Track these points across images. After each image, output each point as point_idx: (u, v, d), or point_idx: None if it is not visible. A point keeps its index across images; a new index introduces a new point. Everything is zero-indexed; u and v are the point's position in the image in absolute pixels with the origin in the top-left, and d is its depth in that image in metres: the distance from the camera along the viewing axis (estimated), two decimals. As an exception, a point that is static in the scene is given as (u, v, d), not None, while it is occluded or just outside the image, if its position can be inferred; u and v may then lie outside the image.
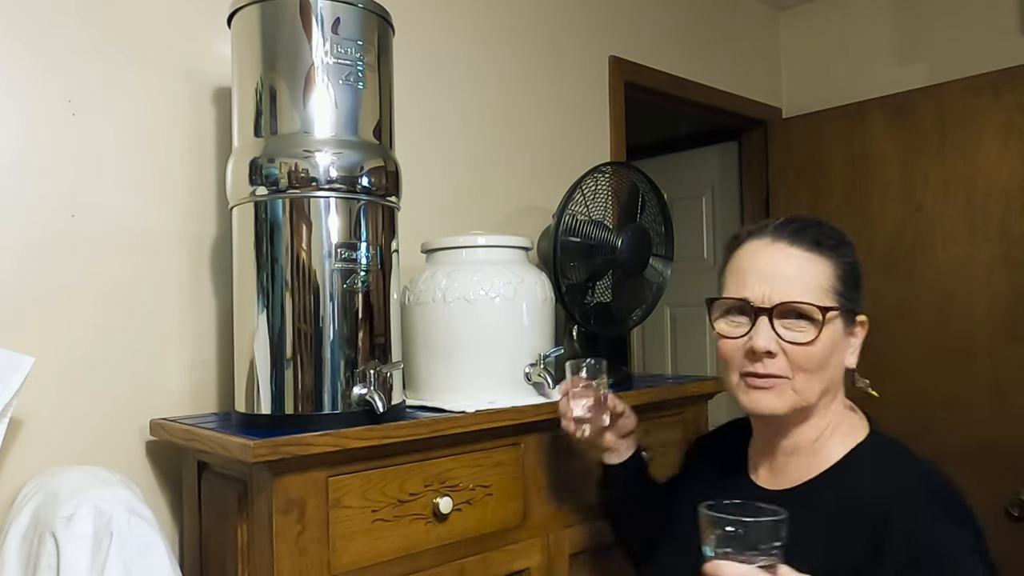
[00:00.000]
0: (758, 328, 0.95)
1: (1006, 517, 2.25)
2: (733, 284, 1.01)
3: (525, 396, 1.40)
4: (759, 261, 0.99)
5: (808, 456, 1.00)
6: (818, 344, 0.94)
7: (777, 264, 0.97)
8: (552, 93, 2.11)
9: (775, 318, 0.95)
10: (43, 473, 1.17)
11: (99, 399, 1.31)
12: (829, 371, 0.97)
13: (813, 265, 0.97)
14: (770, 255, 0.98)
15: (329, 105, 1.18)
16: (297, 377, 1.15)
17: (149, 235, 1.38)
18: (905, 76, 2.63)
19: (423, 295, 1.41)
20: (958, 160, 2.42)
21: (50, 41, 1.29)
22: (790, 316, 0.95)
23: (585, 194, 1.64)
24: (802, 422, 1.00)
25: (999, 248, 2.33)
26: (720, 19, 2.71)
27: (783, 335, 0.95)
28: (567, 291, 1.59)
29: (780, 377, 0.96)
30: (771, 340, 0.95)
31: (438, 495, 1.24)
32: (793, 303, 0.95)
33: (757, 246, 1.00)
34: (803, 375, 0.95)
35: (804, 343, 0.94)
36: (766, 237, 1.00)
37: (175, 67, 1.42)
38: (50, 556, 0.99)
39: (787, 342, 0.95)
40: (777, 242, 0.99)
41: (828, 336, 0.95)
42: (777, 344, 0.95)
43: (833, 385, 0.99)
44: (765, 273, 0.97)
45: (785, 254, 0.98)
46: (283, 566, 1.07)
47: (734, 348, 0.99)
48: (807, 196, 2.78)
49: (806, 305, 0.94)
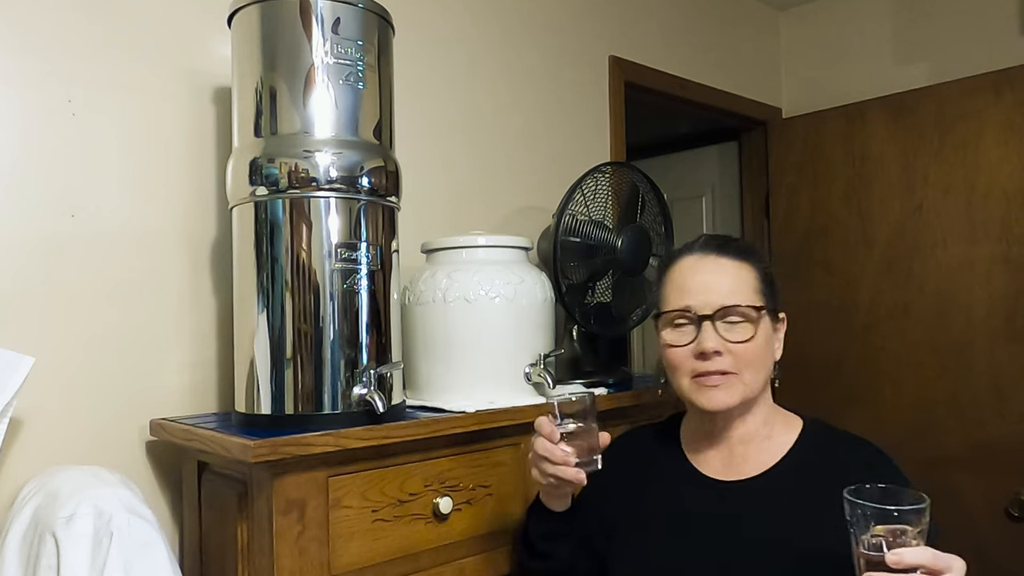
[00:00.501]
0: (704, 332, 1.06)
1: (1006, 517, 2.24)
2: (675, 297, 1.11)
3: (525, 396, 1.40)
4: (696, 274, 1.10)
5: (762, 443, 1.11)
6: (757, 339, 1.06)
7: (712, 274, 1.09)
8: (552, 93, 2.11)
9: (717, 321, 1.06)
10: (43, 473, 1.17)
11: (99, 399, 1.31)
12: (767, 364, 1.09)
13: (742, 271, 1.09)
14: (705, 267, 1.10)
15: (329, 105, 1.18)
16: (297, 377, 1.15)
17: (149, 235, 1.38)
18: (905, 76, 2.63)
19: (423, 295, 1.41)
20: (958, 160, 2.42)
21: (50, 41, 1.29)
22: (728, 319, 1.06)
23: (585, 194, 1.64)
24: (747, 413, 1.11)
25: (999, 248, 2.33)
26: (720, 19, 2.71)
27: (726, 336, 1.06)
28: (567, 291, 1.59)
29: (729, 373, 1.06)
30: (717, 341, 1.05)
31: (438, 495, 1.24)
32: (732, 306, 1.06)
33: (691, 261, 1.12)
34: (748, 369, 1.07)
35: (745, 340, 1.05)
36: (696, 252, 1.12)
37: (175, 67, 1.42)
38: (50, 556, 0.99)
39: (731, 341, 1.05)
40: (707, 255, 1.11)
41: (763, 332, 1.07)
42: (722, 344, 1.05)
43: (768, 376, 1.11)
44: (703, 283, 1.09)
45: (717, 264, 1.10)
46: (283, 566, 1.07)
47: (683, 354, 1.08)
48: (807, 196, 2.78)
49: (743, 307, 1.06)
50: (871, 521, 0.81)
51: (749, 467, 1.09)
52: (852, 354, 2.60)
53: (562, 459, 1.04)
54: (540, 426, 1.07)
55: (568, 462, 1.04)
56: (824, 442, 1.10)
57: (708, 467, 1.13)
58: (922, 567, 0.78)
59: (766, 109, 2.89)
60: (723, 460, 1.12)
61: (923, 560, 0.78)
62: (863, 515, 0.81)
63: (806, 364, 2.51)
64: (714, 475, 1.12)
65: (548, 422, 1.06)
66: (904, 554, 0.78)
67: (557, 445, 1.05)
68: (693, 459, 1.15)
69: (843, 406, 2.47)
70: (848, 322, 2.62)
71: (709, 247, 1.11)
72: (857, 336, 2.60)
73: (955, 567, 0.79)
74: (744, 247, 1.13)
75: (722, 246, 1.11)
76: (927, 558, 0.78)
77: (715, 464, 1.12)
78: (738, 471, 1.10)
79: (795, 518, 1.01)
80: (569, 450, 1.05)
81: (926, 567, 0.78)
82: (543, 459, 1.06)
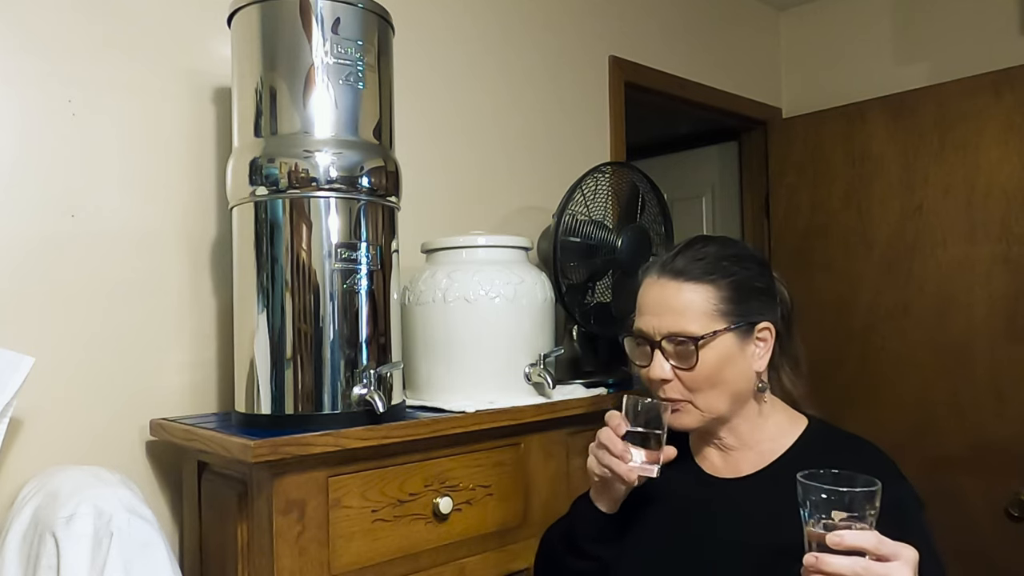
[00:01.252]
0: (654, 359, 1.07)
1: (1006, 517, 2.24)
2: (636, 318, 1.11)
3: (525, 396, 1.40)
4: (649, 297, 1.09)
5: (755, 447, 1.10)
6: (700, 367, 1.03)
7: (662, 298, 1.07)
8: (552, 93, 2.11)
9: (665, 348, 1.06)
10: (43, 473, 1.17)
11: (99, 399, 1.31)
12: (730, 384, 1.06)
13: (692, 294, 1.05)
14: (656, 290, 1.08)
15: (329, 105, 1.18)
16: (297, 377, 1.15)
17: (149, 235, 1.38)
18: (905, 76, 2.63)
19: (423, 295, 1.41)
20: (958, 160, 2.42)
21: (50, 41, 1.29)
22: (677, 344, 1.05)
23: (585, 194, 1.64)
24: (727, 424, 1.10)
25: (999, 248, 2.33)
26: (720, 19, 2.71)
27: (675, 363, 1.05)
28: (567, 291, 1.59)
29: (680, 400, 1.06)
30: (664, 369, 1.05)
31: (438, 495, 1.24)
32: (673, 333, 1.05)
33: (648, 283, 1.10)
34: (700, 394, 1.05)
35: (687, 368, 1.04)
36: (653, 274, 1.10)
37: (175, 67, 1.42)
38: (50, 556, 0.99)
39: (677, 367, 1.05)
40: (661, 277, 1.08)
41: (712, 356, 1.04)
42: (671, 372, 1.05)
43: (742, 392, 1.08)
44: (654, 307, 1.08)
45: (667, 288, 1.07)
46: (283, 566, 1.07)
47: (645, 376, 1.10)
48: (807, 196, 2.78)
49: (681, 336, 1.04)
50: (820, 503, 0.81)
51: (745, 466, 1.10)
52: (852, 354, 2.61)
53: (621, 452, 1.03)
54: (610, 417, 1.07)
55: (625, 457, 1.03)
56: (824, 443, 1.09)
57: (708, 465, 1.14)
58: (866, 551, 0.77)
59: (766, 109, 2.89)
60: (721, 460, 1.13)
61: (866, 543, 0.77)
62: (812, 497, 0.81)
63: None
64: (713, 472, 1.13)
65: (619, 415, 1.06)
66: (846, 536, 0.78)
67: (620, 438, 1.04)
68: (697, 457, 1.16)
69: (843, 406, 2.46)
70: (848, 322, 2.62)
71: (667, 269, 1.08)
72: (857, 336, 2.60)
73: (903, 555, 0.78)
74: (707, 267, 1.06)
75: (681, 268, 1.07)
76: (871, 542, 0.77)
77: (714, 463, 1.13)
78: (735, 469, 1.11)
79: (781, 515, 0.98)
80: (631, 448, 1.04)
81: (869, 551, 0.77)
82: (603, 448, 1.05)
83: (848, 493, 0.80)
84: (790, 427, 1.11)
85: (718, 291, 1.05)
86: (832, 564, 0.78)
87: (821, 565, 0.79)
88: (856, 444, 1.08)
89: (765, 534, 1.00)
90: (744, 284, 1.07)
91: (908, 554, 0.78)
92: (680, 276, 1.06)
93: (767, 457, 1.09)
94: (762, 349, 1.08)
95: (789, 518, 0.91)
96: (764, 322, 1.08)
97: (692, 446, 1.18)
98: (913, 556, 0.78)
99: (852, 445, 1.08)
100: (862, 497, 0.80)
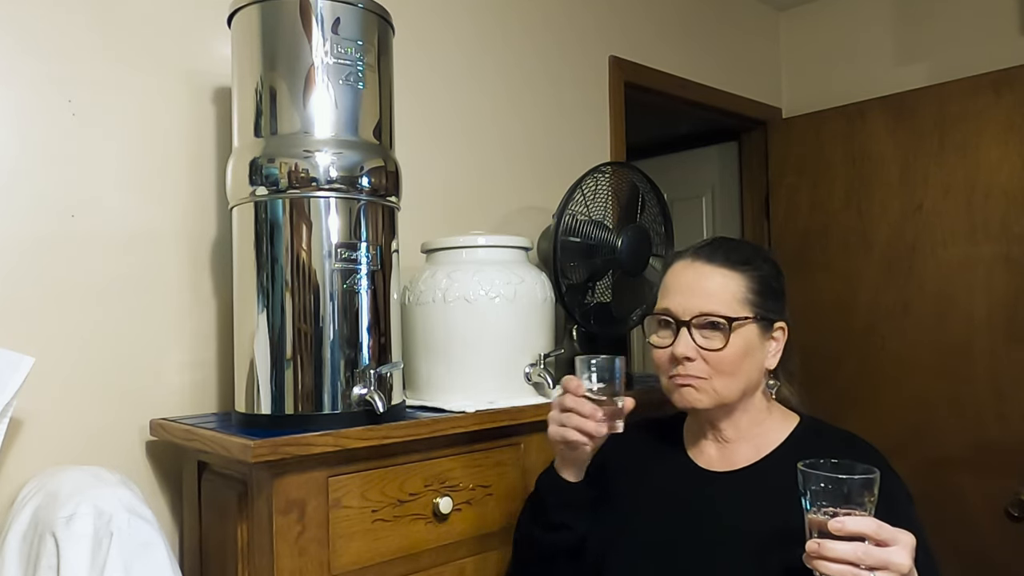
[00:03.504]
0: (680, 337, 1.08)
1: (1006, 517, 2.24)
2: (661, 300, 1.13)
3: (525, 396, 1.41)
4: (682, 279, 1.12)
5: (750, 441, 1.12)
6: (728, 349, 1.06)
7: (694, 280, 1.10)
8: (552, 93, 2.11)
9: (693, 328, 1.07)
10: (43, 473, 1.17)
11: (99, 399, 1.31)
12: (746, 373, 1.09)
13: (726, 280, 1.09)
14: (690, 273, 1.11)
15: (329, 105, 1.18)
16: (297, 377, 1.15)
17: (149, 235, 1.38)
18: (905, 76, 2.62)
19: (423, 295, 1.41)
20: (958, 160, 2.42)
21: (50, 41, 1.29)
22: (705, 326, 1.07)
23: (585, 194, 1.64)
24: (731, 415, 1.12)
25: (999, 248, 2.33)
26: (720, 19, 2.71)
27: (700, 343, 1.07)
28: (567, 291, 1.59)
29: (700, 378, 1.08)
30: (689, 347, 1.07)
31: (438, 495, 1.24)
32: (706, 314, 1.07)
33: (681, 266, 1.13)
34: (720, 377, 1.08)
35: (716, 349, 1.07)
36: (686, 258, 1.13)
37: (175, 67, 1.42)
38: (50, 556, 0.99)
39: (703, 348, 1.07)
40: (696, 261, 1.12)
41: (740, 341, 1.07)
42: (695, 351, 1.07)
43: (752, 384, 1.11)
44: (685, 289, 1.10)
45: (702, 271, 1.10)
46: (283, 566, 1.07)
47: (663, 356, 1.11)
48: (807, 196, 2.78)
49: (715, 316, 1.07)
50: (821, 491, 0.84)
51: (740, 459, 1.12)
52: (852, 354, 2.60)
53: (591, 411, 1.04)
54: (567, 381, 1.07)
55: (596, 416, 1.04)
56: (815, 438, 1.11)
57: (702, 459, 1.16)
58: (866, 536, 0.80)
59: (766, 109, 2.89)
60: (716, 453, 1.15)
61: (866, 529, 0.80)
62: (813, 486, 0.84)
63: (806, 364, 2.48)
64: (706, 466, 1.14)
65: (575, 378, 1.07)
66: (847, 522, 0.81)
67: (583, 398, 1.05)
68: (691, 452, 1.18)
69: (843, 406, 2.47)
70: (848, 322, 2.62)
71: (701, 254, 1.12)
72: (857, 336, 2.60)
73: (900, 540, 0.81)
74: (743, 256, 1.12)
75: (713, 254, 1.11)
76: (871, 528, 0.80)
77: (708, 457, 1.15)
78: (729, 463, 1.13)
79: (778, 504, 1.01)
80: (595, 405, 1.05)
81: (870, 536, 0.80)
82: (569, 412, 1.06)
83: (848, 481, 0.83)
84: (784, 423, 1.15)
85: (748, 281, 1.09)
86: (834, 549, 0.81)
87: (823, 551, 0.81)
88: (848, 439, 1.11)
89: (763, 521, 1.02)
90: (768, 282, 1.12)
91: (906, 539, 0.81)
92: (713, 261, 1.10)
93: (762, 450, 1.11)
94: (774, 347, 1.12)
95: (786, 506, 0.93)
96: (781, 321, 1.12)
97: (686, 440, 1.20)
98: (911, 541, 0.82)
99: (844, 440, 1.11)
100: (861, 485, 0.83)
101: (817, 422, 1.16)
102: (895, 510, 0.90)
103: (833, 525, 0.81)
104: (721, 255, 1.11)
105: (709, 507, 1.09)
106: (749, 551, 1.02)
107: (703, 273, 1.10)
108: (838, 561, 0.81)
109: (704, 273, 1.10)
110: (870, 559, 0.80)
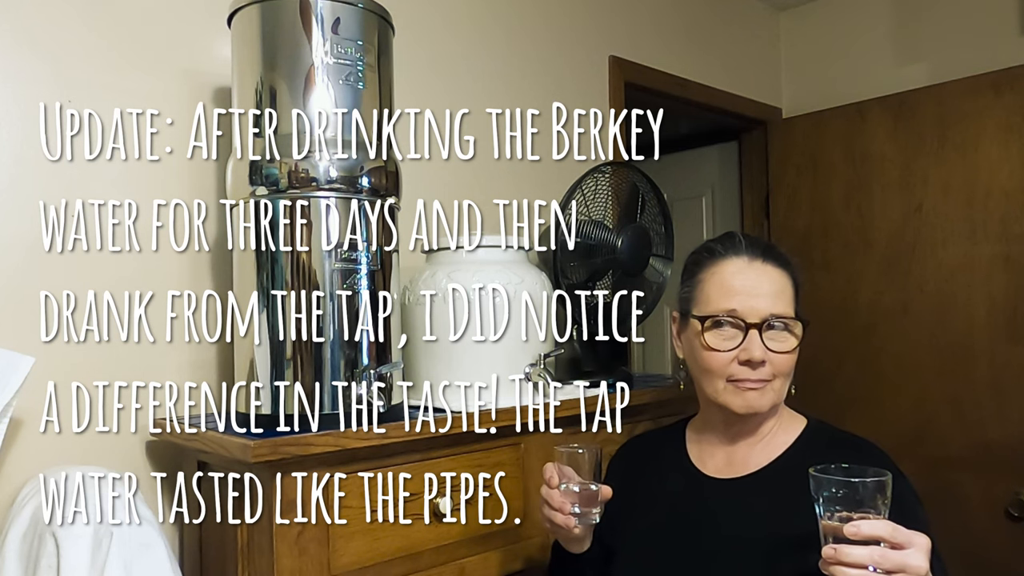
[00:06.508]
0: (751, 340, 1.05)
1: (1006, 517, 2.24)
2: (719, 299, 1.08)
3: (525, 396, 1.40)
4: (744, 278, 1.08)
5: (762, 445, 1.12)
6: (795, 351, 1.07)
7: (759, 281, 1.08)
8: (552, 93, 2.11)
9: (763, 331, 1.05)
10: (43, 473, 1.17)
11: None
12: (791, 374, 1.10)
13: (784, 280, 1.10)
14: (751, 273, 1.09)
15: (329, 105, 1.18)
16: (297, 377, 1.15)
17: (149, 235, 1.37)
18: (905, 76, 2.62)
19: (423, 295, 1.41)
20: (958, 160, 2.41)
21: (50, 41, 1.29)
22: (774, 328, 1.06)
23: (585, 194, 1.64)
24: (767, 418, 1.12)
25: (999, 248, 2.33)
26: (720, 19, 2.71)
27: (770, 345, 1.05)
28: (567, 291, 1.59)
29: (766, 381, 1.07)
30: (763, 351, 1.05)
31: (438, 495, 1.24)
32: (778, 316, 1.06)
33: (739, 264, 1.10)
34: (780, 379, 1.08)
35: (787, 351, 1.06)
36: (743, 255, 1.10)
37: (175, 67, 1.42)
38: (50, 556, 0.99)
39: (773, 351, 1.05)
40: (754, 260, 1.09)
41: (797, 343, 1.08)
42: (766, 354, 1.05)
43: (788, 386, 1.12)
44: (751, 289, 1.07)
45: (763, 271, 1.09)
46: (283, 566, 1.07)
47: (724, 359, 1.07)
48: (807, 196, 2.77)
49: (788, 317, 1.07)
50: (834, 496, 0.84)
51: (749, 465, 1.11)
52: (852, 354, 2.60)
53: (559, 504, 1.04)
54: (544, 471, 1.08)
55: (564, 508, 1.04)
56: (824, 443, 1.11)
57: (709, 466, 1.14)
58: (881, 539, 0.80)
59: (766, 109, 2.88)
60: (725, 459, 1.13)
61: (881, 532, 0.80)
62: (826, 491, 0.84)
63: (806, 364, 2.49)
64: (712, 473, 1.13)
65: (551, 467, 1.07)
66: (862, 526, 0.80)
67: (555, 490, 1.05)
68: (696, 459, 1.16)
69: (843, 406, 2.47)
70: (848, 322, 2.62)
71: (755, 251, 1.10)
72: (857, 336, 2.60)
73: (916, 542, 0.80)
74: (784, 255, 1.12)
75: (767, 251, 1.10)
76: (886, 531, 0.80)
77: (716, 463, 1.14)
78: (736, 469, 1.11)
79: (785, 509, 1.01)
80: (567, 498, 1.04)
81: (885, 539, 0.80)
82: (543, 502, 1.07)
83: (860, 485, 0.83)
84: (791, 425, 1.14)
85: (794, 283, 1.11)
86: (851, 554, 0.80)
87: (840, 556, 0.80)
88: (855, 442, 1.10)
89: (767, 528, 1.01)
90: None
91: (921, 541, 0.80)
92: (772, 261, 1.09)
93: (771, 454, 1.10)
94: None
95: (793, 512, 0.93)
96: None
97: (690, 450, 1.18)
98: (926, 543, 0.80)
99: (851, 443, 1.10)
100: (874, 488, 0.83)
101: (823, 424, 1.15)
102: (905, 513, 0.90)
103: (848, 529, 0.80)
104: (773, 254, 1.10)
105: (709, 514, 1.08)
106: (750, 557, 1.01)
107: (766, 273, 1.08)
108: (855, 566, 0.79)
109: (767, 273, 1.08)
110: (887, 562, 0.79)
